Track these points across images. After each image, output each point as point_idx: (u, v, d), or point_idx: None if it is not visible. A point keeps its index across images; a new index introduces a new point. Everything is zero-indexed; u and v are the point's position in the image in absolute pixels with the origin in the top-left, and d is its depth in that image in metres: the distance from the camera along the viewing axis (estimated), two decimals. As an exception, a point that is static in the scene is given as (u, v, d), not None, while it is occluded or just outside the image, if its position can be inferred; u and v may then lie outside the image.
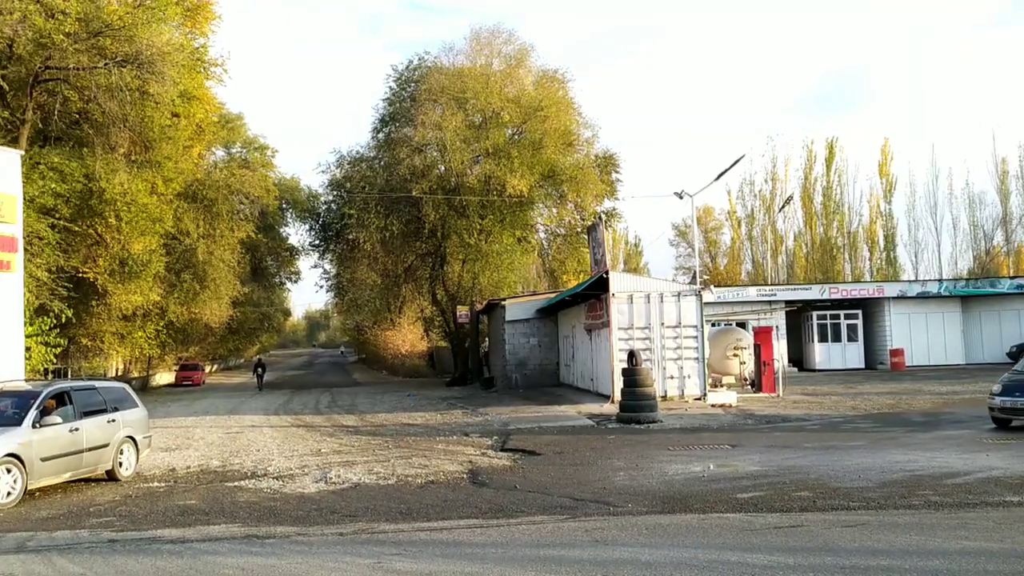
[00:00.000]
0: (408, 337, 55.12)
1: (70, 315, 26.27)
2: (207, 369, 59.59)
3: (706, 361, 23.57)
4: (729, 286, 42.90)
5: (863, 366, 36.90)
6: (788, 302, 37.31)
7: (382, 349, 58.83)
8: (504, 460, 14.31)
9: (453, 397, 30.33)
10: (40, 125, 28.20)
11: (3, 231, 16.10)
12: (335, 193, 42.29)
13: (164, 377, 53.04)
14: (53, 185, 25.77)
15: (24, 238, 18.09)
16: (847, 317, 37.36)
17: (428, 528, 9.18)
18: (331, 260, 48.04)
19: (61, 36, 24.09)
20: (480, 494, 11.22)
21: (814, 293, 38.26)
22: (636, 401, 18.87)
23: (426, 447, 16.35)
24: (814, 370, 36.50)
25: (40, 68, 25.63)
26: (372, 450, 16.20)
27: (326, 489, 11.95)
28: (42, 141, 28.60)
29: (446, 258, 39.41)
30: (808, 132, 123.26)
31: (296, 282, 62.49)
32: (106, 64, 25.29)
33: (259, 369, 44.69)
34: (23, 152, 20.10)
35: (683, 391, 23.05)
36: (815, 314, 37.39)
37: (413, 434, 18.86)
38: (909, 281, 41.96)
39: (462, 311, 38.93)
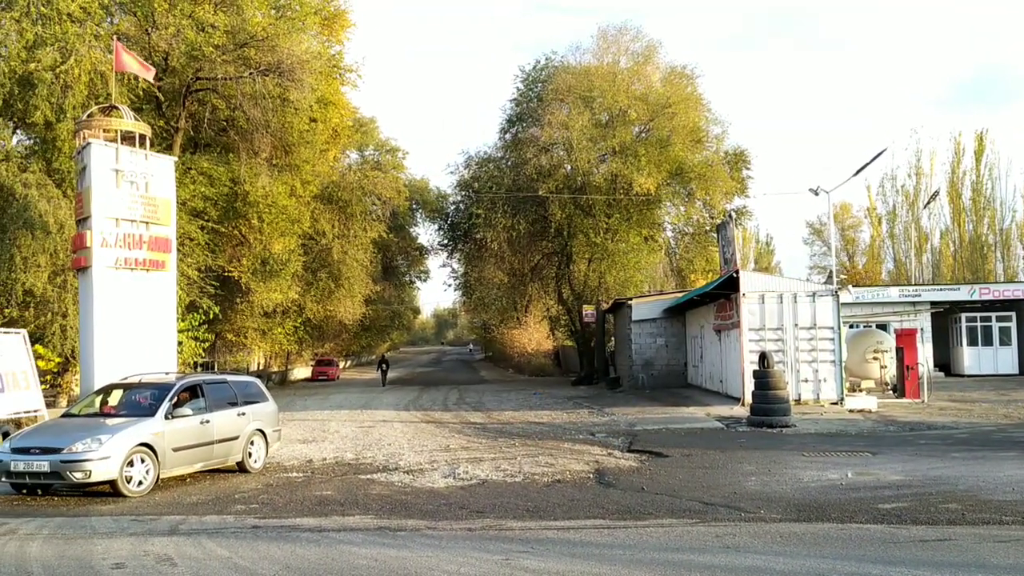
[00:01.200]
0: (534, 336, 55.41)
1: (217, 312, 27.92)
2: (341, 365, 61.70)
3: (843, 364, 22.62)
4: (868, 286, 40.95)
5: (1017, 371, 34.46)
6: (934, 303, 35.29)
7: (508, 347, 59.37)
8: (631, 461, 14.18)
9: (579, 396, 30.28)
10: (191, 133, 29.99)
11: (159, 232, 17.14)
12: (463, 193, 43.10)
13: (301, 372, 55.29)
14: (203, 189, 27.40)
15: (177, 239, 19.22)
16: (999, 319, 35.02)
17: (555, 527, 9.19)
18: (459, 259, 49.01)
19: (211, 48, 25.54)
20: (607, 495, 11.15)
21: (963, 294, 36.01)
22: (768, 404, 18.30)
23: (552, 446, 16.39)
24: (962, 375, 34.39)
25: (191, 79, 27.26)
26: (499, 447, 16.38)
27: (454, 485, 12.17)
28: (193, 148, 30.41)
29: (572, 257, 39.41)
30: (955, 125, 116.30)
31: (425, 281, 64.19)
32: (250, 73, 26.65)
33: (383, 365, 46.15)
34: (176, 158, 21.38)
35: (818, 395, 22.20)
36: (964, 316, 35.23)
37: (539, 433, 18.94)
38: (1068, 281, 38.94)
39: (588, 310, 38.82)
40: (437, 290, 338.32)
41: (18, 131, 26.24)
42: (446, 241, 47.33)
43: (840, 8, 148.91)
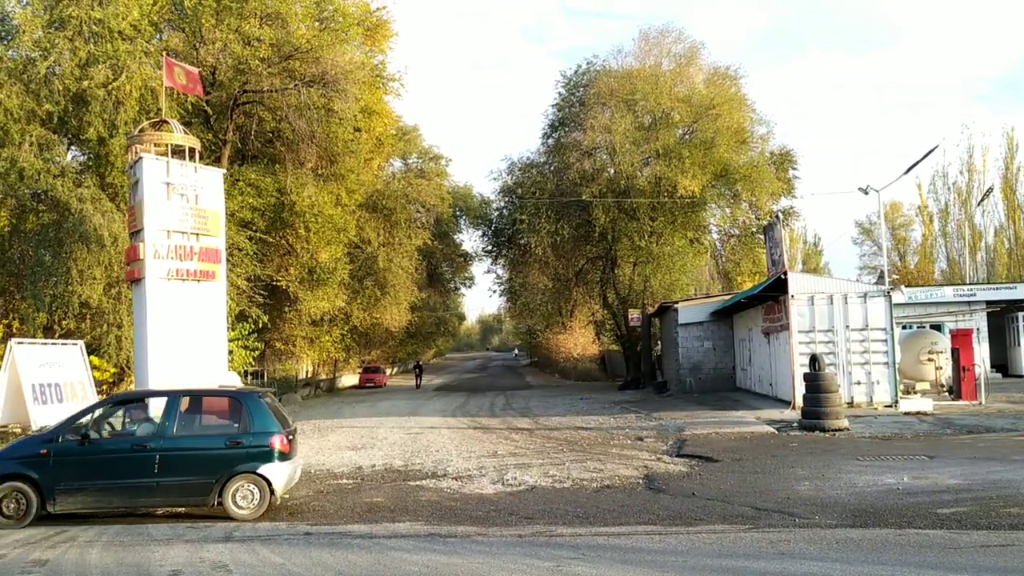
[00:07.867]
0: (579, 340, 55.21)
1: (266, 321, 28.30)
2: (388, 371, 62.13)
3: (897, 366, 22.16)
4: (921, 286, 40.07)
5: (1078, 372, 33.49)
6: (989, 302, 34.39)
7: (554, 352, 59.22)
8: (680, 466, 14.04)
9: (626, 401, 30.08)
10: (239, 145, 30.47)
11: (209, 244, 17.42)
12: (506, 199, 43.23)
13: (349, 379, 55.74)
14: (251, 200, 27.81)
15: (226, 249, 19.49)
16: (1059, 319, 34.06)
17: (606, 533, 9.13)
18: (503, 265, 49.18)
19: (256, 61, 25.95)
20: (657, 500, 11.05)
21: (1019, 293, 35.04)
22: (819, 407, 17.99)
23: (600, 451, 16.30)
24: (1021, 376, 33.48)
25: (238, 92, 27.71)
26: (547, 453, 16.34)
27: (503, 491, 12.16)
28: (240, 160, 30.89)
29: (616, 261, 39.26)
30: (1007, 119, 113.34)
31: (470, 287, 64.62)
32: (295, 85, 27.03)
33: (417, 370, 50.16)
34: (225, 170, 21.71)
35: (871, 397, 21.77)
36: (1021, 315, 34.31)
37: (587, 438, 18.85)
38: None
39: (633, 314, 38.59)
40: (482, 296, 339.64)
41: (72, 147, 26.89)
42: (490, 247, 47.58)
43: (885, 4, 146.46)
